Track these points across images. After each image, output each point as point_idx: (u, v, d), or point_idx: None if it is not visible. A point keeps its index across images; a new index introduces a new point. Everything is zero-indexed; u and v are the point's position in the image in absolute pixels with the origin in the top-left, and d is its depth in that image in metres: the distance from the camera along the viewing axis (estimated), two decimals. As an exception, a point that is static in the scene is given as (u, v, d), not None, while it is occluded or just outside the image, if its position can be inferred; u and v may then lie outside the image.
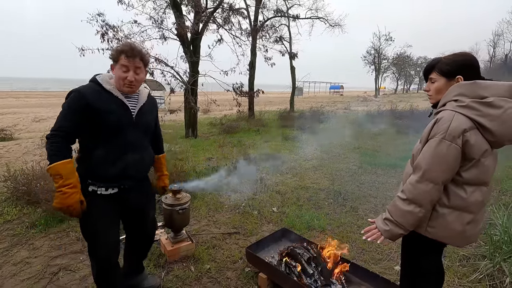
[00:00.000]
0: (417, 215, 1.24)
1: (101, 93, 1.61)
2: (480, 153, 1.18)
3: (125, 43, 1.72)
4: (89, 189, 1.65)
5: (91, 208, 1.63)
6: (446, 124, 1.17)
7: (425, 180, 1.20)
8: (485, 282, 2.17)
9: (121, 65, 1.61)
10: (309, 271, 2.03)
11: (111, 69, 1.69)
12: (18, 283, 2.26)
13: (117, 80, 1.65)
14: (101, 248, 1.69)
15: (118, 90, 1.66)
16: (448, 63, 1.29)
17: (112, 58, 1.65)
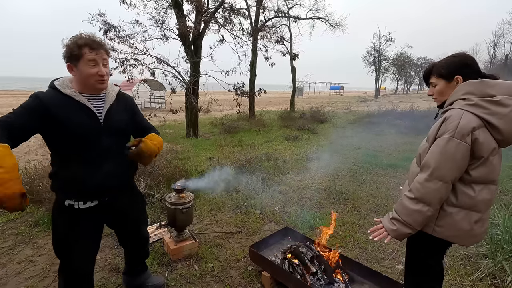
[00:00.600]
0: (426, 214, 1.24)
1: (60, 100, 1.43)
2: (489, 151, 1.19)
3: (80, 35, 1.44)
4: (66, 203, 1.52)
5: (67, 221, 1.53)
6: (455, 122, 1.18)
7: (434, 179, 1.21)
8: (486, 281, 2.19)
9: (87, 61, 1.41)
10: (312, 269, 2.04)
11: (69, 69, 1.45)
12: (22, 281, 2.27)
13: (85, 79, 1.45)
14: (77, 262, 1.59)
15: (80, 93, 1.48)
16: (443, 66, 1.32)
17: (70, 55, 1.41)
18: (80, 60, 1.41)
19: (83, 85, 1.49)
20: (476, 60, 1.33)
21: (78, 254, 1.58)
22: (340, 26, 15.86)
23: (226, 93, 8.77)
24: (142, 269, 2.10)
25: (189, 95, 7.71)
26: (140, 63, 7.55)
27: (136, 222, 1.87)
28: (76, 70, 1.44)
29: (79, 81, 1.47)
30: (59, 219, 1.56)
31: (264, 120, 11.44)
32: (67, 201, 1.52)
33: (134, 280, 2.09)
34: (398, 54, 39.12)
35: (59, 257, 1.61)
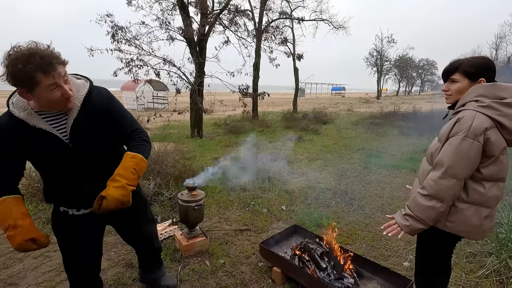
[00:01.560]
0: (439, 210, 1.30)
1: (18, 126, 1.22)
2: (500, 150, 1.26)
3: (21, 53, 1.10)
4: (61, 209, 1.48)
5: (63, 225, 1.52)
6: (468, 123, 1.24)
7: (448, 176, 1.27)
8: (491, 277, 2.24)
9: (46, 87, 1.15)
10: (322, 265, 2.11)
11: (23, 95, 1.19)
12: (40, 275, 2.35)
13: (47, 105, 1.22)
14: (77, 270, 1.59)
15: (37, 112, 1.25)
16: (473, 65, 1.35)
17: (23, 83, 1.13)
18: (36, 88, 1.15)
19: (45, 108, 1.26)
20: None
21: (80, 256, 1.56)
22: (343, 28, 15.94)
23: (229, 94, 8.84)
24: (155, 266, 2.10)
25: (194, 96, 7.79)
26: (146, 64, 7.65)
27: (134, 223, 1.77)
28: (33, 96, 1.18)
29: (39, 105, 1.24)
30: (57, 223, 1.54)
31: (267, 120, 11.51)
32: (62, 207, 1.48)
33: (147, 275, 2.13)
34: (400, 56, 39.17)
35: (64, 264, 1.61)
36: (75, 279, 1.63)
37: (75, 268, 1.59)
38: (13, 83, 1.14)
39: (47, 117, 1.27)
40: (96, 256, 1.67)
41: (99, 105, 1.36)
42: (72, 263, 1.58)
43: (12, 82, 1.14)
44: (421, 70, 50.31)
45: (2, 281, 2.26)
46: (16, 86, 1.16)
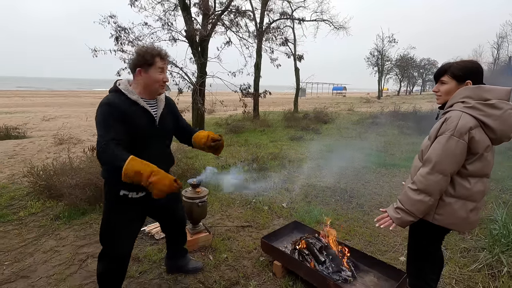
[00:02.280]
0: (427, 204, 1.40)
1: (127, 104, 1.61)
2: (484, 148, 1.35)
3: (151, 46, 1.67)
4: (120, 193, 1.71)
5: (121, 208, 1.74)
6: (454, 123, 1.34)
7: (435, 172, 1.37)
8: (484, 271, 2.33)
9: (157, 68, 1.63)
10: (321, 258, 2.20)
11: (138, 74, 1.64)
12: (50, 269, 2.45)
13: (151, 84, 1.66)
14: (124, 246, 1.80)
15: (141, 98, 1.66)
16: (461, 69, 1.45)
17: (143, 62, 1.61)
18: (152, 67, 1.63)
19: (146, 89, 1.69)
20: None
21: (125, 239, 1.80)
22: (344, 28, 16.01)
23: (230, 94, 8.94)
24: (182, 253, 2.35)
25: (196, 96, 7.89)
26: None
27: (174, 210, 2.09)
28: (145, 74, 1.65)
29: (144, 85, 1.68)
30: (113, 207, 1.75)
31: (269, 120, 11.60)
32: (123, 191, 1.71)
33: (175, 262, 2.32)
34: (401, 55, 39.17)
35: (105, 243, 1.81)
36: (115, 255, 1.82)
37: (119, 245, 1.79)
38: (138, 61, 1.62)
39: (147, 103, 1.70)
40: (135, 239, 1.90)
41: (172, 106, 1.93)
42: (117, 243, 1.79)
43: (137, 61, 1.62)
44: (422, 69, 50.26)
45: (14, 274, 2.36)
46: (140, 65, 1.62)
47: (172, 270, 2.35)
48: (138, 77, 1.67)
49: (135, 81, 1.70)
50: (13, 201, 3.71)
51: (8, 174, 4.76)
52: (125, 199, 1.73)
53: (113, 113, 1.56)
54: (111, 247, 1.81)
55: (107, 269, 1.84)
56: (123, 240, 1.80)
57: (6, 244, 2.78)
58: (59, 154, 6.08)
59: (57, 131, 8.21)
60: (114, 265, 1.84)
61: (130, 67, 1.69)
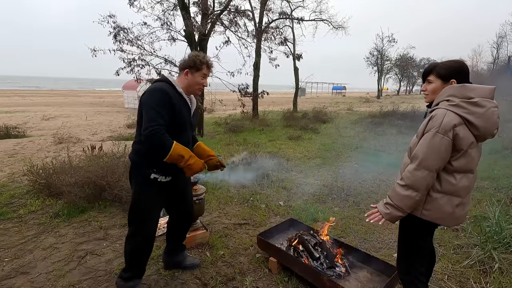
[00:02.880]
0: (415, 199, 1.44)
1: (176, 95, 1.86)
2: (468, 144, 1.39)
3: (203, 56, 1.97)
4: (151, 176, 1.89)
5: (151, 191, 1.92)
6: (439, 120, 1.38)
7: (421, 168, 1.41)
8: (476, 267, 2.38)
9: (203, 74, 1.93)
10: (316, 255, 2.24)
11: (186, 74, 1.92)
12: (49, 265, 2.48)
13: (193, 84, 1.94)
14: (152, 226, 2.01)
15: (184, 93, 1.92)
16: (445, 68, 1.50)
17: (193, 65, 1.90)
18: (198, 72, 1.92)
19: (187, 88, 1.95)
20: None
21: (153, 220, 2.01)
22: (342, 28, 16.04)
23: (229, 93, 8.97)
24: (180, 249, 2.40)
25: (195, 95, 7.92)
26: (148, 64, 7.78)
27: (188, 197, 2.28)
28: (191, 76, 1.92)
29: (187, 84, 1.94)
30: (145, 189, 1.92)
31: (267, 120, 11.64)
32: (153, 175, 1.89)
33: (173, 258, 2.37)
34: (400, 55, 39.21)
35: (135, 224, 1.98)
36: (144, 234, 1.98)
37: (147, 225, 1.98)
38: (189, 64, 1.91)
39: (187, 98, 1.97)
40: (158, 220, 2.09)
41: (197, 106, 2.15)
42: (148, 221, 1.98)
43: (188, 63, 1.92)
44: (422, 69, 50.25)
45: (14, 270, 2.40)
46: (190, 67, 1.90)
47: (169, 266, 2.39)
48: (184, 76, 1.93)
49: (180, 79, 1.96)
50: (13, 199, 3.75)
51: (8, 173, 4.79)
52: (155, 182, 1.91)
53: (165, 99, 1.78)
54: (140, 226, 1.96)
55: (137, 247, 1.99)
56: (152, 220, 1.99)
57: (6, 241, 2.82)
58: (59, 153, 6.12)
59: (57, 130, 8.25)
60: (144, 244, 2.00)
61: (180, 67, 1.97)
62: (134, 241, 1.99)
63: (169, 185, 1.99)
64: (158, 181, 1.91)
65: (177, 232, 2.35)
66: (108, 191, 3.54)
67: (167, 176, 1.94)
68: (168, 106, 1.78)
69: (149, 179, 1.89)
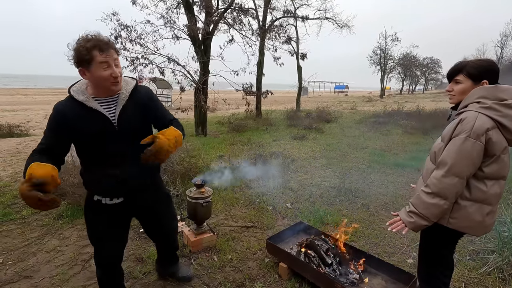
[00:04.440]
0: (442, 207, 1.35)
1: (75, 108, 1.46)
2: (501, 149, 1.31)
3: (86, 37, 1.40)
4: (94, 198, 1.62)
5: (96, 215, 1.66)
6: (470, 124, 1.29)
7: (451, 175, 1.32)
8: (494, 274, 2.29)
9: (99, 64, 1.39)
10: (328, 261, 2.16)
11: (82, 74, 1.44)
12: (53, 269, 2.42)
13: (99, 82, 1.45)
14: (103, 254, 1.72)
15: (93, 98, 1.49)
16: (477, 68, 1.39)
17: (81, 59, 1.38)
18: (92, 63, 1.38)
19: (98, 88, 1.49)
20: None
21: (106, 245, 1.70)
22: (347, 26, 15.90)
23: (233, 92, 8.88)
24: (173, 260, 2.24)
25: (199, 94, 7.84)
26: (151, 62, 7.71)
27: (159, 218, 1.91)
28: (89, 74, 1.42)
29: (93, 84, 1.48)
30: (89, 212, 1.68)
31: (271, 119, 11.55)
32: (96, 196, 1.63)
33: (165, 269, 2.24)
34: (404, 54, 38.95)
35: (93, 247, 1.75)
36: (101, 266, 1.76)
37: (100, 255, 1.72)
38: (76, 59, 1.39)
39: (101, 102, 1.50)
40: (120, 246, 1.79)
41: (142, 99, 1.62)
42: (98, 251, 1.72)
43: (75, 59, 1.40)
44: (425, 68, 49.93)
45: (17, 274, 2.34)
46: (79, 63, 1.40)
47: (164, 275, 2.28)
48: (84, 77, 1.48)
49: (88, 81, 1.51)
50: (16, 199, 3.69)
51: (10, 172, 4.74)
52: (99, 204, 1.63)
53: (53, 119, 1.46)
54: (95, 252, 1.74)
55: (99, 274, 1.80)
56: (106, 246, 1.70)
57: (9, 243, 2.77)
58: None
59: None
60: (101, 272, 1.79)
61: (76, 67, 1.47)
62: (97, 267, 1.79)
63: (125, 206, 1.66)
64: (103, 204, 1.61)
65: (161, 251, 2.19)
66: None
67: (113, 198, 1.61)
68: (59, 126, 1.45)
69: (93, 200, 1.62)
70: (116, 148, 1.54)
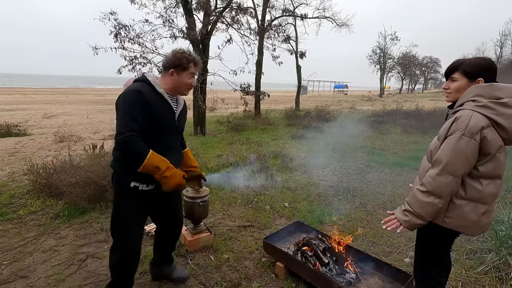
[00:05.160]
0: (437, 206, 1.35)
1: (154, 96, 1.68)
2: (496, 148, 1.30)
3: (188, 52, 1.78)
4: (131, 185, 1.73)
5: (130, 201, 1.76)
6: (465, 122, 1.28)
7: (445, 173, 1.31)
8: (491, 274, 2.28)
9: (190, 73, 1.75)
10: (325, 260, 2.16)
11: (171, 74, 1.73)
12: (49, 269, 2.41)
13: (180, 85, 1.76)
14: (132, 238, 1.82)
15: (166, 93, 1.75)
16: (472, 65, 1.39)
17: (179, 64, 1.71)
18: (185, 71, 1.74)
19: (173, 89, 1.78)
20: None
21: (135, 231, 1.84)
22: (346, 25, 15.89)
23: (231, 92, 8.87)
24: (169, 261, 2.23)
25: (197, 94, 7.83)
26: (149, 62, 7.69)
27: (176, 206, 2.10)
28: (177, 76, 1.74)
29: (173, 85, 1.77)
30: (123, 200, 1.77)
31: (270, 118, 11.54)
32: (133, 183, 1.73)
33: (161, 270, 2.22)
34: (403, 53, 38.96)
35: (117, 235, 1.83)
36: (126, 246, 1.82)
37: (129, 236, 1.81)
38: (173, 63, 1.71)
39: (170, 99, 1.79)
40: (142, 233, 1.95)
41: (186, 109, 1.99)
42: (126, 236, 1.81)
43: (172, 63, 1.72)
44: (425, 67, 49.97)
45: (13, 274, 2.33)
46: (175, 66, 1.72)
47: (157, 278, 2.26)
48: (169, 76, 1.75)
49: (164, 79, 1.78)
50: (13, 199, 3.68)
51: (8, 172, 4.73)
52: (135, 191, 1.75)
53: (139, 101, 1.61)
54: (121, 239, 1.82)
55: (119, 261, 1.85)
56: (132, 233, 1.82)
57: (5, 243, 2.75)
58: (60, 152, 6.06)
59: (58, 129, 8.18)
60: (125, 257, 1.85)
61: (164, 65, 1.78)
62: (116, 255, 1.84)
63: (153, 194, 1.81)
64: (139, 190, 1.74)
65: (165, 244, 2.19)
66: (110, 191, 3.47)
67: (149, 184, 1.76)
68: (143, 109, 1.60)
69: (129, 187, 1.73)
70: (169, 138, 1.83)
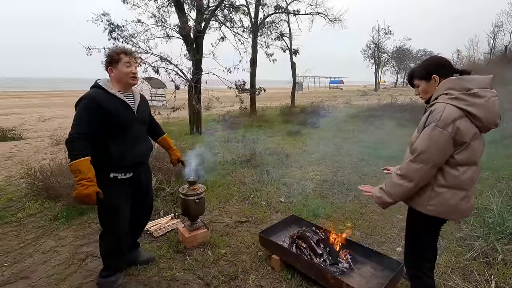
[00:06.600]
0: (406, 188, 1.47)
1: (106, 96, 1.89)
2: (470, 137, 1.38)
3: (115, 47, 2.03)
4: (110, 176, 1.94)
5: (113, 190, 1.94)
6: (438, 114, 1.37)
7: (417, 161, 1.42)
8: (479, 259, 2.36)
9: (124, 63, 1.93)
10: (318, 251, 2.22)
11: (110, 72, 1.96)
12: (50, 269, 2.46)
13: (122, 77, 1.95)
14: (123, 223, 2.05)
15: (118, 92, 1.94)
16: (422, 68, 1.56)
17: (111, 60, 1.93)
18: (119, 63, 1.93)
19: (120, 82, 1.97)
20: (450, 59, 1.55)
21: (121, 217, 2.04)
22: (339, 21, 15.92)
23: (226, 90, 8.90)
24: (134, 246, 2.44)
25: (192, 93, 7.85)
26: (144, 62, 7.69)
27: (148, 194, 2.33)
28: (116, 70, 1.94)
29: (117, 79, 1.96)
30: (105, 189, 1.88)
31: (266, 115, 11.60)
32: (112, 174, 1.95)
33: (128, 256, 2.35)
34: (397, 47, 39.08)
35: (105, 223, 2.06)
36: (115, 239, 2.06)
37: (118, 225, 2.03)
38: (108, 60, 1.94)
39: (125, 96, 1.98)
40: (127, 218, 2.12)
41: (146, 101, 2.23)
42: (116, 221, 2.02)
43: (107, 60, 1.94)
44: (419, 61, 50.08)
45: (14, 275, 2.37)
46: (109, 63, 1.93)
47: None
48: (111, 74, 1.97)
49: (111, 80, 2.00)
50: (11, 202, 3.71)
51: (5, 176, 4.75)
52: (115, 180, 1.96)
53: (90, 106, 1.81)
54: (109, 226, 2.04)
55: (110, 246, 2.07)
56: (119, 219, 2.02)
57: (5, 245, 2.79)
58: (56, 154, 6.05)
59: (54, 132, 8.16)
60: (115, 242, 2.06)
61: (105, 69, 2.00)
62: (106, 241, 2.07)
63: (132, 181, 2.04)
64: (119, 179, 1.97)
65: (135, 229, 2.35)
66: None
67: (126, 173, 2.00)
68: (96, 112, 1.81)
69: (110, 178, 1.94)
70: (134, 129, 2.00)
